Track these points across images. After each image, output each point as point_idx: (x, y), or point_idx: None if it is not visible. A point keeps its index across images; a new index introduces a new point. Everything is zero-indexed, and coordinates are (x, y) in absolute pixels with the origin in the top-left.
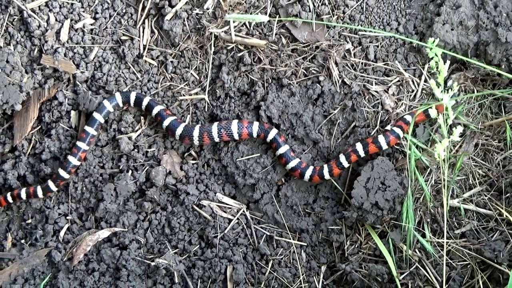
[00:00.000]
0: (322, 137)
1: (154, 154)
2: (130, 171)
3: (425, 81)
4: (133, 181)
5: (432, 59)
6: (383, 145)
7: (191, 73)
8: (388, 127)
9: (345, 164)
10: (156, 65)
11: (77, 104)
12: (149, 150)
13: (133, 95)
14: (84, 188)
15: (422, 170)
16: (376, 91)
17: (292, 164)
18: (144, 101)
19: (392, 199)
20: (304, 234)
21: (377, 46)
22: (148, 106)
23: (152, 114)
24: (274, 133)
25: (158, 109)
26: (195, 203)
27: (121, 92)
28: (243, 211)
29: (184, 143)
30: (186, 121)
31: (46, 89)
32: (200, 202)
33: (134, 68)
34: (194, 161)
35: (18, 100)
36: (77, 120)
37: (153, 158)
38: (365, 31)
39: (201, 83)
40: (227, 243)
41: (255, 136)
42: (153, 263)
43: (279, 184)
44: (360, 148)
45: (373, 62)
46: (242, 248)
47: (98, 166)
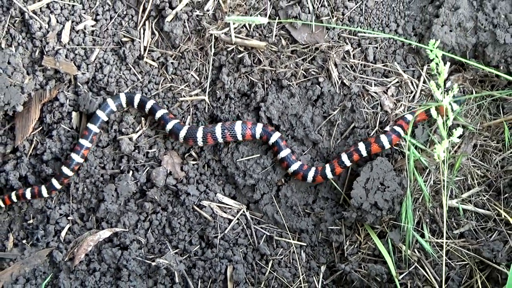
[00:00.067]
0: (322, 138)
1: (155, 155)
2: (131, 172)
3: (424, 82)
4: (134, 182)
5: (433, 61)
6: (386, 145)
7: (192, 74)
8: (387, 128)
9: (347, 163)
10: (157, 67)
11: (78, 105)
12: (150, 151)
13: (137, 97)
14: (85, 189)
15: (421, 171)
16: (375, 92)
17: (294, 167)
18: (148, 104)
19: (391, 200)
20: (304, 234)
21: (376, 48)
22: (152, 110)
23: (156, 118)
24: (277, 137)
25: (162, 113)
26: (196, 204)
27: (126, 93)
28: (243, 212)
29: (188, 145)
30: (187, 122)
31: (48, 90)
32: (201, 203)
33: (135, 70)
34: (195, 162)
35: (20, 101)
36: (78, 121)
37: (154, 159)
38: (364, 33)
39: (202, 84)
40: (227, 243)
41: (258, 138)
42: (154, 263)
43: (279, 185)
44: (363, 148)
45: (372, 64)
46: (242, 248)
47: (99, 167)
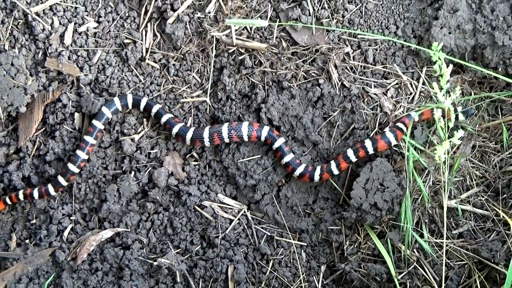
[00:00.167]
0: (322, 139)
1: (157, 156)
2: (133, 172)
3: (423, 84)
4: (136, 182)
5: (436, 63)
6: (392, 141)
7: (193, 76)
8: (386, 129)
9: (353, 159)
10: (159, 68)
11: (80, 107)
12: (152, 152)
13: (144, 101)
14: (88, 189)
15: (420, 171)
16: (375, 94)
17: (300, 170)
18: (154, 109)
19: (391, 200)
20: (304, 234)
21: (376, 50)
22: (157, 114)
23: (161, 122)
24: (281, 142)
25: (167, 117)
26: (197, 204)
27: (133, 95)
28: (244, 212)
29: (196, 146)
30: (188, 123)
31: (50, 92)
32: (202, 203)
33: (137, 71)
34: (196, 163)
35: (23, 102)
36: (81, 122)
37: (156, 160)
38: (364, 35)
39: (203, 86)
40: (228, 243)
41: (263, 140)
42: (156, 263)
43: (280, 185)
44: (369, 145)
45: (372, 65)
46: (243, 248)
47: (102, 167)
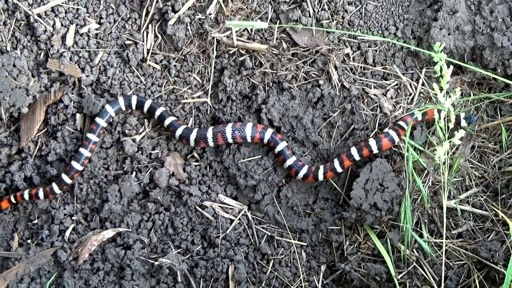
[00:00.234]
0: (322, 140)
1: (158, 156)
2: (134, 173)
3: (423, 85)
4: (137, 183)
5: (437, 64)
6: (395, 138)
7: (194, 77)
8: (386, 130)
9: (356, 157)
10: (160, 69)
11: (82, 107)
12: (153, 152)
13: (148, 103)
14: (89, 189)
15: (420, 172)
16: (375, 95)
17: (303, 172)
18: (157, 111)
19: (390, 200)
20: (304, 234)
21: (376, 51)
22: (161, 117)
23: (164, 125)
24: (283, 146)
25: (170, 120)
26: (198, 204)
27: (138, 97)
28: (245, 212)
29: (200, 147)
30: (189, 124)
31: (52, 93)
32: (203, 203)
33: (138, 72)
34: (197, 163)
35: (25, 103)
36: (82, 123)
37: (157, 160)
38: (364, 37)
39: (204, 87)
40: (229, 243)
41: (265, 143)
42: (157, 263)
43: (280, 186)
44: (373, 144)
45: (372, 66)
46: (244, 248)
47: (103, 168)
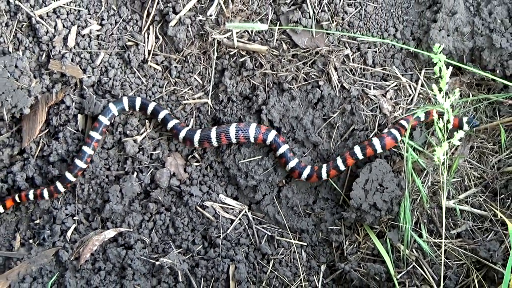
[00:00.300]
0: (322, 140)
1: (159, 157)
2: (135, 173)
3: (422, 86)
4: (138, 183)
5: (436, 65)
6: (398, 136)
7: (195, 78)
8: (390, 128)
9: (360, 156)
10: (161, 70)
11: (83, 108)
12: (154, 153)
13: (152, 106)
14: (91, 190)
15: (419, 172)
16: (374, 96)
17: (307, 172)
18: (161, 114)
19: (390, 200)
20: (304, 234)
21: (375, 52)
22: (164, 120)
23: (168, 128)
24: (285, 148)
25: (173, 123)
26: (199, 204)
27: (142, 99)
28: (245, 212)
29: (204, 147)
30: (190, 125)
31: (54, 93)
32: (203, 203)
33: (139, 73)
34: (198, 163)
35: (27, 104)
36: (84, 124)
37: (158, 160)
38: (364, 38)
39: (204, 88)
40: (230, 243)
41: (268, 144)
42: (158, 262)
43: (280, 186)
44: (377, 143)
45: (371, 67)
46: (244, 248)
47: (104, 168)
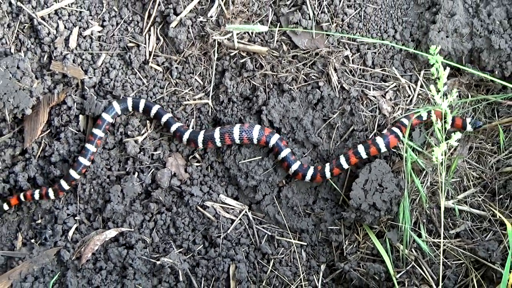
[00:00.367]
0: (322, 141)
1: (160, 157)
2: (136, 173)
3: (421, 87)
4: (139, 183)
5: (433, 66)
6: (400, 134)
7: (195, 79)
8: (388, 128)
9: (363, 155)
10: (162, 71)
11: (85, 109)
12: (155, 153)
13: (155, 108)
14: (92, 190)
15: (418, 172)
16: (374, 96)
17: (310, 173)
18: (164, 118)
19: (389, 200)
20: (304, 234)
21: (375, 53)
22: (167, 123)
23: (171, 131)
24: (287, 152)
25: (177, 126)
26: (199, 204)
27: (146, 101)
28: (245, 212)
29: (208, 148)
30: (191, 125)
31: (56, 94)
32: (204, 203)
33: (140, 74)
34: (198, 164)
35: (29, 105)
36: (85, 124)
37: (159, 161)
38: (363, 39)
39: (205, 88)
40: (230, 243)
41: (270, 147)
42: (159, 262)
43: (280, 186)
44: (381, 141)
45: (371, 68)
46: (245, 248)
47: (106, 168)
